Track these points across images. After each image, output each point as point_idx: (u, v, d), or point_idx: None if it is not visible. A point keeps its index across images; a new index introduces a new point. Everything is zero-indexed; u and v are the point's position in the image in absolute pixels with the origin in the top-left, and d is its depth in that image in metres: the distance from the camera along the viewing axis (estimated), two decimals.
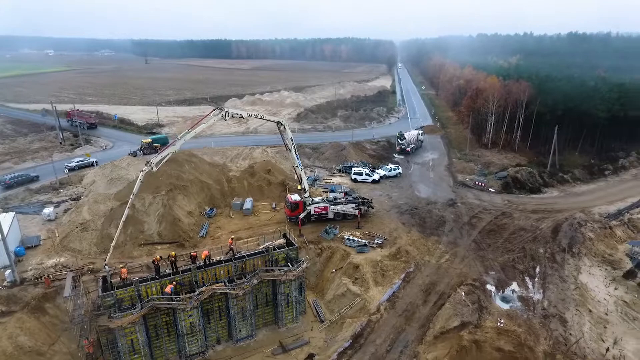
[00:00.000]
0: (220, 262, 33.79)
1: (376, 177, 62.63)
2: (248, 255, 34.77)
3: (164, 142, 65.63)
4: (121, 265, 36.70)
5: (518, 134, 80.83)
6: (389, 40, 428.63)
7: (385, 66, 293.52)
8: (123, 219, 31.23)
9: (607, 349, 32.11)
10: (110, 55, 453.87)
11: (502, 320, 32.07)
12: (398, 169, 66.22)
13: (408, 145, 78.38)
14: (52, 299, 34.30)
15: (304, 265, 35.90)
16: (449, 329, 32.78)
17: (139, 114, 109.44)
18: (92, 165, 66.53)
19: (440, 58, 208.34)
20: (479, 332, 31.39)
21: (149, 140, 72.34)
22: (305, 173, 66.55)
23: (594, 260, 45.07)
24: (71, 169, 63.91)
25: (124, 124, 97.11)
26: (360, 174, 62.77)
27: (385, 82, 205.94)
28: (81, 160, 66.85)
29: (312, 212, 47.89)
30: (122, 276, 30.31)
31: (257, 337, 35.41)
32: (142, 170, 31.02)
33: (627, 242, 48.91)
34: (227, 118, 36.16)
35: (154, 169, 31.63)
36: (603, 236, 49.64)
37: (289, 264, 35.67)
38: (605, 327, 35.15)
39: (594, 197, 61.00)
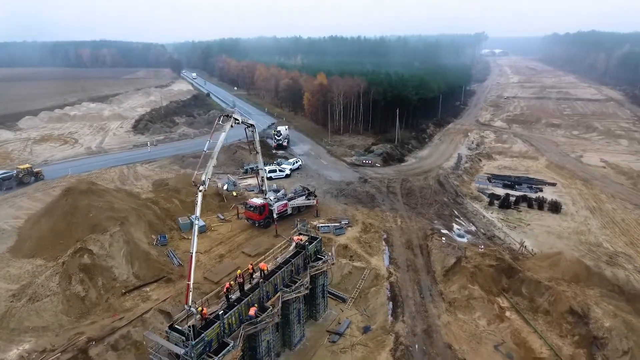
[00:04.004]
0: (274, 271, 32.56)
1: (287, 171, 65.96)
2: (290, 257, 34.56)
3: None
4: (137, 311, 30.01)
5: (361, 120, 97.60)
6: (160, 44, 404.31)
7: (169, 70, 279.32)
8: (193, 250, 26.32)
9: (525, 247, 47.98)
10: None
11: (482, 246, 43.41)
12: (299, 161, 71.16)
13: (284, 140, 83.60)
14: None
15: (333, 252, 38.22)
16: (450, 266, 41.93)
17: None
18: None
19: (234, 60, 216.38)
20: (471, 260, 41.70)
21: (28, 166, 59.37)
22: (220, 178, 64.01)
23: (468, 198, 62.97)
24: None
25: None
26: (274, 171, 64.89)
27: (183, 86, 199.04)
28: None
29: (276, 211, 48.46)
30: (205, 315, 26.12)
31: (306, 335, 35.81)
32: (200, 191, 27.11)
33: (474, 182, 69.75)
34: (233, 125, 34.30)
35: (206, 188, 27.97)
36: (461, 182, 68.97)
37: (318, 256, 37.15)
38: (508, 236, 51.60)
39: (435, 158, 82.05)
